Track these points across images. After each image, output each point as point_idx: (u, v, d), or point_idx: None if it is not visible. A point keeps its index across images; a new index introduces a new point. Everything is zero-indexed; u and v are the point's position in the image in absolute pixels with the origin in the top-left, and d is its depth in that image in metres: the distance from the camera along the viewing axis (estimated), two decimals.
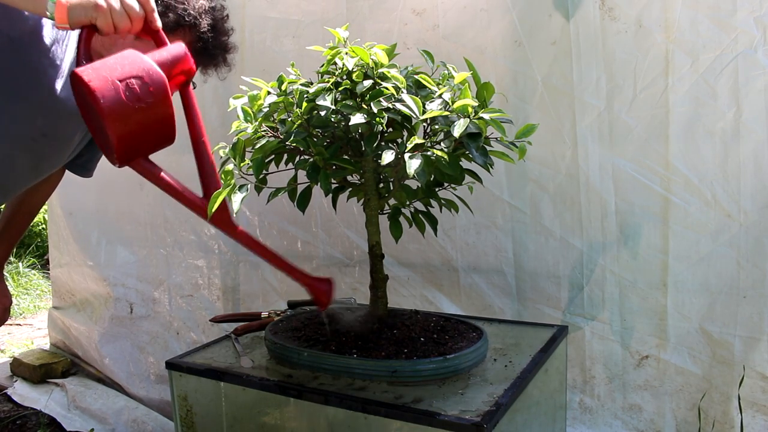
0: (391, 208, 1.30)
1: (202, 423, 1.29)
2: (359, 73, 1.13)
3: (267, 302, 2.12)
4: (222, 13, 1.44)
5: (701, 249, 1.50)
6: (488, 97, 1.13)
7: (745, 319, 1.47)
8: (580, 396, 1.68)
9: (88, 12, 1.09)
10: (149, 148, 1.13)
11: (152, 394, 2.34)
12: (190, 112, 1.20)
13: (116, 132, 1.04)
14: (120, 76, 1.04)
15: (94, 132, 1.17)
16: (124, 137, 1.05)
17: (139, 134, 1.07)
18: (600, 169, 1.58)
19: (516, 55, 1.64)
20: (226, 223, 1.19)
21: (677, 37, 1.46)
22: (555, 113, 1.61)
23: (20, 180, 1.52)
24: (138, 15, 1.14)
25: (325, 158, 1.14)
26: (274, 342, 1.26)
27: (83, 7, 1.09)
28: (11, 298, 1.74)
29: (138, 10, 1.14)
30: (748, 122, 1.42)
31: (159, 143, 1.12)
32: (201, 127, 1.20)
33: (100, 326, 2.57)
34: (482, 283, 1.78)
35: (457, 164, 1.11)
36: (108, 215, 2.50)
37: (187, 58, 1.17)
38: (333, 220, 1.96)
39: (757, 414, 1.48)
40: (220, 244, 2.21)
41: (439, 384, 1.12)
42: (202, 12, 1.38)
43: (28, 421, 2.31)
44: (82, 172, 1.71)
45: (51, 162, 1.55)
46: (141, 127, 1.06)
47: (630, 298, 1.59)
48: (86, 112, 1.14)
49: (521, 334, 1.41)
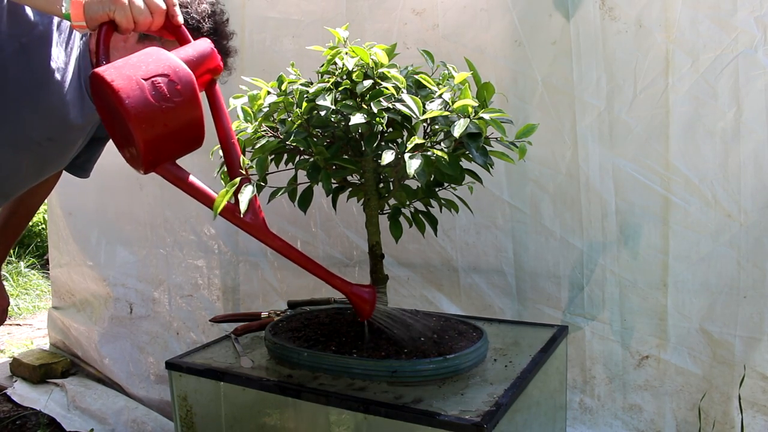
0: (391, 208, 1.30)
1: (202, 423, 1.29)
2: (359, 73, 1.13)
3: (267, 302, 2.12)
4: (223, 17, 1.44)
5: (701, 249, 1.50)
6: (488, 97, 1.13)
7: (746, 319, 1.47)
8: (581, 396, 1.68)
9: (105, 6, 1.03)
10: (176, 152, 1.05)
11: (152, 394, 2.34)
12: (217, 113, 1.13)
13: (143, 135, 0.96)
14: (145, 75, 0.97)
15: (115, 135, 1.09)
16: (152, 141, 0.98)
17: (167, 137, 1.00)
18: (600, 169, 1.58)
19: (516, 55, 1.64)
20: (261, 230, 1.12)
21: (677, 37, 1.46)
22: (555, 113, 1.61)
23: (25, 182, 1.53)
24: (159, 8, 1.07)
25: (326, 158, 1.14)
26: (274, 342, 1.26)
27: (100, 2, 1.03)
28: (9, 300, 1.74)
29: (159, 2, 1.07)
30: (748, 122, 1.42)
31: (187, 146, 1.05)
32: (230, 128, 1.13)
33: (99, 326, 2.57)
34: (482, 283, 1.78)
35: (457, 164, 1.11)
36: (108, 215, 2.50)
37: (214, 55, 1.10)
38: (332, 220, 1.96)
39: (757, 414, 1.48)
40: (220, 244, 2.21)
41: (439, 384, 1.11)
42: (205, 16, 1.37)
43: (28, 421, 2.31)
44: (79, 173, 1.71)
45: (55, 164, 1.56)
46: (169, 130, 0.99)
47: (630, 298, 1.59)
48: (107, 115, 1.06)
49: (521, 334, 1.41)
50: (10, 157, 1.42)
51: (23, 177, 1.49)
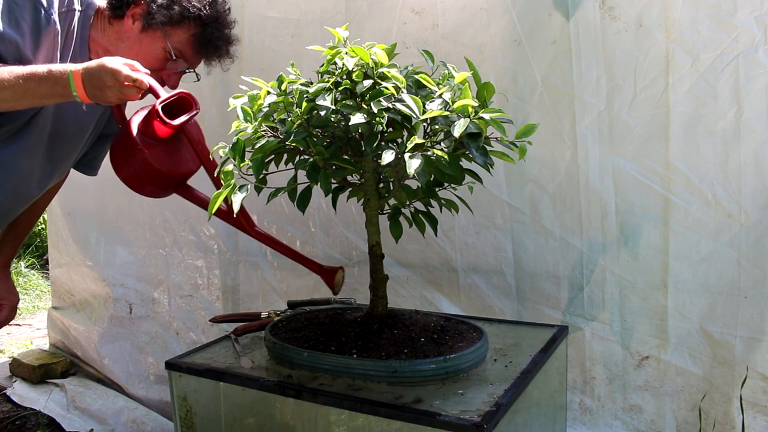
0: (391, 208, 1.30)
1: (202, 423, 1.29)
2: (359, 72, 1.13)
3: (267, 302, 2.12)
4: (224, 6, 1.49)
5: (702, 249, 1.50)
6: (488, 97, 1.12)
7: (746, 320, 1.47)
8: (581, 396, 1.68)
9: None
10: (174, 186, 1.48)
11: (152, 394, 2.34)
12: (195, 146, 1.41)
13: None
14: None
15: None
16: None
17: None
18: (600, 169, 1.58)
19: (515, 55, 1.63)
20: (231, 217, 1.41)
21: (678, 37, 1.46)
22: (555, 113, 1.61)
23: (41, 184, 1.56)
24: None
25: (325, 158, 1.13)
26: (273, 342, 1.26)
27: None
28: (18, 296, 1.76)
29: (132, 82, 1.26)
30: (748, 122, 1.42)
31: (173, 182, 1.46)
32: (206, 156, 1.41)
33: (99, 326, 2.57)
34: (482, 283, 1.77)
35: (457, 164, 1.11)
36: (107, 215, 2.50)
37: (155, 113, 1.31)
38: (332, 221, 1.96)
39: (758, 415, 1.48)
40: (219, 244, 2.21)
41: (439, 384, 1.11)
42: (206, 4, 1.44)
43: (28, 421, 2.30)
44: (87, 170, 1.74)
45: (65, 163, 1.60)
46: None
47: (630, 299, 1.59)
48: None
49: (521, 335, 1.41)
50: (26, 164, 1.46)
51: (38, 180, 1.53)
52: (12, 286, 1.74)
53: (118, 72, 1.22)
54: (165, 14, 1.39)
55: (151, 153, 1.38)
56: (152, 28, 1.40)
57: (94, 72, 1.22)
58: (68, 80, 1.22)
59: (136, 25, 1.41)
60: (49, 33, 1.33)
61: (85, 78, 1.23)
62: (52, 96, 1.25)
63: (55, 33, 1.34)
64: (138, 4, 1.40)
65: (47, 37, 1.33)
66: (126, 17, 1.41)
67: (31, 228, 1.83)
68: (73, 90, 1.23)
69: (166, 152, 1.42)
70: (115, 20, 1.42)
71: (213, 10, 1.45)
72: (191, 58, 1.47)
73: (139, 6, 1.40)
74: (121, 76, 1.22)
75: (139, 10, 1.41)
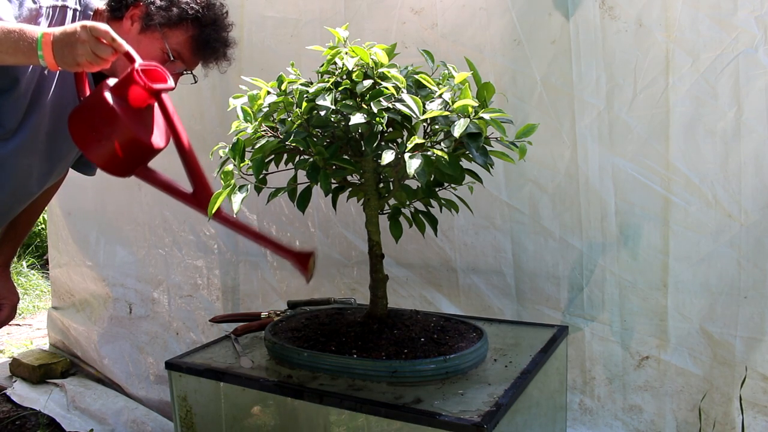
0: (391, 208, 1.30)
1: (202, 423, 1.29)
2: (359, 72, 1.13)
3: (267, 302, 2.12)
4: (222, 9, 1.50)
5: (702, 249, 1.50)
6: (488, 97, 1.12)
7: (746, 320, 1.47)
8: (581, 397, 1.68)
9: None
10: (137, 163, 1.31)
11: (151, 394, 2.34)
12: (169, 122, 1.29)
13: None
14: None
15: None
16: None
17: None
18: (600, 169, 1.58)
19: (515, 54, 1.63)
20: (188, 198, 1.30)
21: (678, 37, 1.45)
22: (554, 113, 1.61)
23: (40, 182, 1.56)
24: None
25: (325, 158, 1.13)
26: (273, 342, 1.26)
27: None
28: (18, 296, 1.77)
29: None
30: (748, 122, 1.42)
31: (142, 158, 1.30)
32: (182, 134, 1.27)
33: (99, 326, 2.57)
34: (481, 283, 1.77)
35: (457, 164, 1.11)
36: (107, 215, 2.50)
37: (136, 75, 1.21)
38: (331, 221, 1.96)
39: (758, 415, 1.48)
40: (219, 244, 2.21)
41: (439, 384, 1.11)
42: (204, 6, 1.45)
43: (28, 421, 2.30)
44: (86, 170, 1.75)
45: (64, 161, 1.59)
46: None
47: (630, 299, 1.59)
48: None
49: (521, 335, 1.41)
50: (26, 163, 1.46)
51: (36, 179, 1.53)
52: (12, 286, 1.75)
53: (96, 28, 1.16)
54: (164, 16, 1.40)
55: (126, 117, 1.25)
56: (151, 29, 1.41)
57: (70, 29, 1.16)
58: (37, 40, 1.16)
59: (134, 27, 1.41)
60: (31, 11, 1.32)
61: (57, 37, 1.16)
62: (15, 52, 1.17)
63: (38, 15, 1.33)
64: (137, 5, 1.41)
65: (29, 14, 1.32)
66: (125, 18, 1.41)
67: (31, 228, 1.83)
68: (39, 48, 1.16)
69: (140, 121, 1.32)
70: (113, 21, 1.42)
71: (211, 12, 1.46)
72: (189, 60, 1.48)
73: (138, 7, 1.41)
74: (100, 31, 1.16)
75: (138, 12, 1.41)
